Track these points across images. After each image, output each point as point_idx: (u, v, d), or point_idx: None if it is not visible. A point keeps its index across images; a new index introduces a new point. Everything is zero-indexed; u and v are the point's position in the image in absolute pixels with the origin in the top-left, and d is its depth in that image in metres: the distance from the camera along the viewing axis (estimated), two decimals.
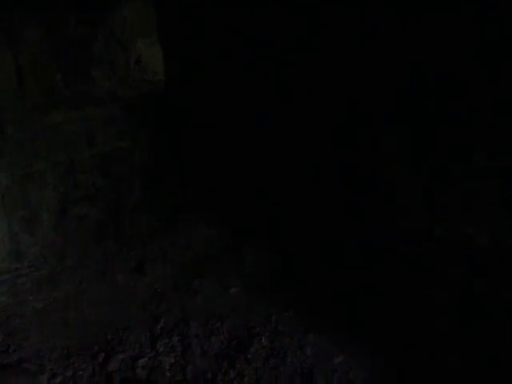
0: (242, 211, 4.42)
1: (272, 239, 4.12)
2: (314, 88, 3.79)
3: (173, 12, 4.01)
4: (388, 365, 2.92)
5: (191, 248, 4.19)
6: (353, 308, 3.36)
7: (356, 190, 3.73)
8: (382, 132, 3.42)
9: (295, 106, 4.02)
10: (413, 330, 3.07)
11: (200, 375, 2.89)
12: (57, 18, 3.53)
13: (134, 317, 3.43)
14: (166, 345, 3.13)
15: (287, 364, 2.96)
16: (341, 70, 3.52)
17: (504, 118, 2.67)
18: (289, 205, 4.24)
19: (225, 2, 4.01)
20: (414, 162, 3.24)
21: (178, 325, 3.31)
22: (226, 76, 4.31)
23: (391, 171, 3.43)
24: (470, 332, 2.90)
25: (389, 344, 3.04)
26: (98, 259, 3.97)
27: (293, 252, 3.98)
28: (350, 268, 3.65)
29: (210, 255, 4.12)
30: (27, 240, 3.69)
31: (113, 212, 4.29)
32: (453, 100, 2.91)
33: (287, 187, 4.27)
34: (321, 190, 4.03)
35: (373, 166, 3.57)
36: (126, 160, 4.34)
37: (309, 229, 4.05)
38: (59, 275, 3.72)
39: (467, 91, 2.82)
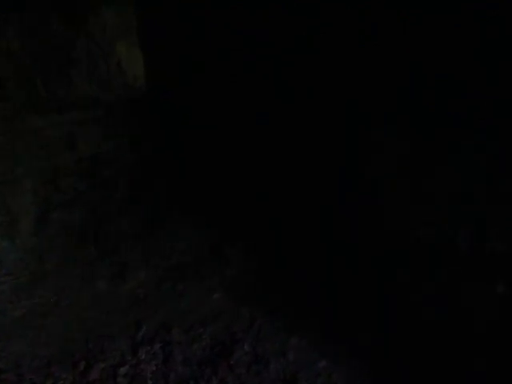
0: (227, 214, 4.40)
1: (256, 243, 4.11)
2: (313, 88, 3.79)
3: (154, 15, 3.99)
4: (370, 368, 2.92)
5: (174, 252, 4.16)
6: (335, 312, 3.36)
7: (343, 190, 3.73)
8: (370, 131, 3.42)
9: (284, 106, 4.02)
10: (395, 333, 3.08)
11: (182, 383, 2.87)
12: (37, 21, 3.49)
13: (115, 323, 3.39)
14: (147, 352, 3.09)
15: (270, 370, 2.94)
16: (340, 70, 3.52)
17: (493, 117, 2.68)
18: (274, 208, 4.23)
19: (209, 5, 4.01)
20: (401, 161, 3.25)
21: (159, 331, 3.28)
22: (210, 78, 4.30)
23: (377, 171, 3.44)
24: (453, 335, 2.91)
25: (371, 347, 3.05)
26: (79, 265, 3.92)
27: (277, 256, 3.97)
28: (333, 272, 3.65)
29: (194, 259, 4.10)
30: (6, 247, 3.63)
31: (95, 216, 4.25)
32: (440, 99, 2.91)
33: (272, 191, 4.26)
34: (308, 192, 4.02)
35: (359, 166, 3.57)
36: (108, 164, 4.30)
37: (294, 232, 4.05)
38: (39, 282, 3.67)
39: (463, 92, 2.83)
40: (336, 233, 3.77)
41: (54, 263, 3.80)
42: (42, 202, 3.84)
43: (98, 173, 4.28)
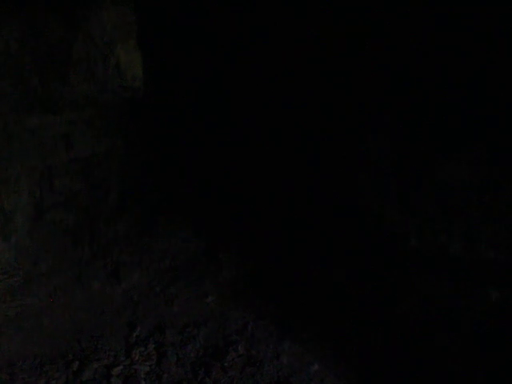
0: (221, 218, 4.41)
1: (249, 247, 4.12)
2: (300, 95, 3.83)
3: (154, 18, 4.01)
4: (362, 373, 2.95)
5: (168, 254, 4.17)
6: (327, 316, 3.38)
7: (335, 196, 3.75)
8: (362, 140, 3.45)
9: (276, 111, 4.05)
10: (388, 338, 3.11)
11: None
12: (36, 21, 3.49)
13: (109, 324, 3.39)
14: (141, 353, 3.10)
15: (264, 372, 2.96)
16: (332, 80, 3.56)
17: (484, 130, 2.72)
18: (269, 213, 4.25)
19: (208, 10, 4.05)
20: (392, 170, 3.27)
21: (153, 333, 3.29)
22: (208, 80, 4.32)
23: (367, 179, 3.46)
24: (446, 339, 2.94)
25: (362, 352, 3.07)
26: (73, 265, 3.91)
27: (270, 260, 3.98)
28: (326, 276, 3.67)
29: (187, 261, 4.11)
30: (0, 246, 3.61)
31: (89, 217, 4.24)
32: (431, 109, 2.95)
33: (267, 194, 4.27)
34: (300, 197, 4.04)
35: (351, 174, 3.60)
36: (103, 165, 4.29)
37: (287, 237, 4.06)
38: (33, 281, 3.65)
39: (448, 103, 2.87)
40: (328, 237, 3.79)
41: (49, 263, 3.79)
42: (37, 201, 3.82)
43: (93, 174, 4.26)
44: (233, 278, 3.91)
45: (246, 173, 4.37)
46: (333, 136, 3.70)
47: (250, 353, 3.12)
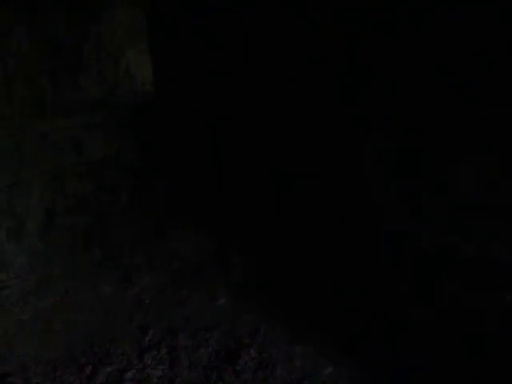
0: (231, 220, 4.41)
1: (261, 249, 4.11)
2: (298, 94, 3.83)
3: (165, 21, 4.02)
4: (375, 376, 2.93)
5: (179, 257, 4.17)
6: (340, 319, 3.37)
7: (342, 196, 3.74)
8: (368, 138, 3.44)
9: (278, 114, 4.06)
10: (399, 341, 3.09)
11: None
12: (46, 24, 3.50)
13: (121, 328, 3.39)
14: (153, 357, 3.09)
15: (276, 376, 2.94)
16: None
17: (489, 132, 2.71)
18: (277, 214, 4.24)
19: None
20: (398, 171, 3.26)
21: (166, 336, 3.28)
22: (219, 84, 4.34)
23: (376, 179, 3.45)
24: (459, 344, 2.92)
25: (376, 355, 3.05)
26: (84, 269, 3.93)
27: (281, 262, 3.97)
28: (338, 278, 3.65)
29: (198, 264, 4.10)
30: (13, 250, 3.63)
31: (100, 220, 4.26)
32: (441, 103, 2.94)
33: (276, 195, 4.27)
34: (308, 197, 4.04)
35: (358, 172, 3.59)
36: (113, 169, 4.31)
37: (297, 238, 4.05)
38: (45, 285, 3.67)
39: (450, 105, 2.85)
40: (338, 238, 3.78)
41: (60, 267, 3.81)
42: (49, 205, 3.85)
43: (104, 177, 4.28)
44: (244, 280, 3.90)
45: (258, 173, 4.37)
46: (335, 136, 3.69)
47: (263, 356, 3.10)
